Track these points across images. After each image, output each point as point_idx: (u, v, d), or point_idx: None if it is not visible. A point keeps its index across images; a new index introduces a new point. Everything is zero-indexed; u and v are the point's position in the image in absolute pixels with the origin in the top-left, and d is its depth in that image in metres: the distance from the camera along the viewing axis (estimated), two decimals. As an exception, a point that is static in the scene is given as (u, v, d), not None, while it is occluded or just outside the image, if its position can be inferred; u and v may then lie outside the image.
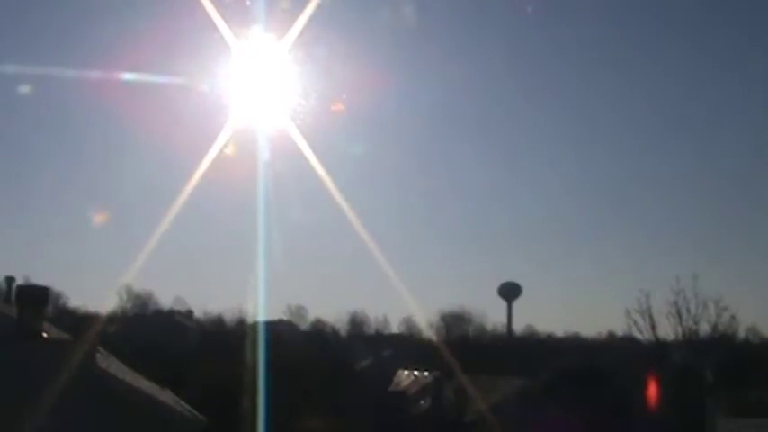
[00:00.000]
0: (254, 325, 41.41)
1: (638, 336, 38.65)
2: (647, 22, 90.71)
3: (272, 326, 46.89)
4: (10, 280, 24.57)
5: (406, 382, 48.51)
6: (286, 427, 28.71)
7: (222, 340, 58.50)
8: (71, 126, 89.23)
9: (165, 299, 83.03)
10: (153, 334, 58.18)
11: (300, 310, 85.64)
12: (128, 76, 24.57)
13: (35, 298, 19.20)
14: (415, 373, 48.73)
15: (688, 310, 37.26)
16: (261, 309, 40.79)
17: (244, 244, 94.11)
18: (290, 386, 26.90)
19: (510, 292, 69.60)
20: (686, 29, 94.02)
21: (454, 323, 78.48)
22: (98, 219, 59.35)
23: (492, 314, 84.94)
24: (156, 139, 73.00)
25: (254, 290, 37.74)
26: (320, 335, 76.31)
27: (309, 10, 16.82)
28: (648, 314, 37.59)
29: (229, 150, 22.47)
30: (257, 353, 29.64)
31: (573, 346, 72.31)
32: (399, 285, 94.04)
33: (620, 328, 45.16)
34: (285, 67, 18.76)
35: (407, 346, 65.32)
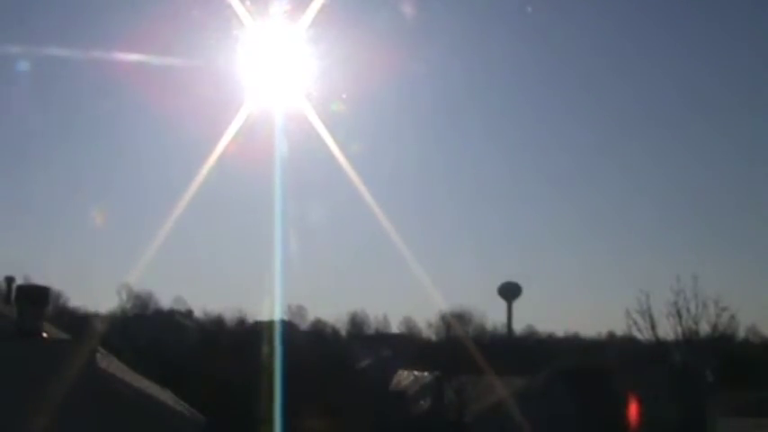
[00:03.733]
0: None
1: (638, 336, 38.61)
2: (652, 23, 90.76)
3: (271, 326, 46.89)
4: (10, 280, 24.53)
5: (406, 382, 48.53)
6: (286, 426, 28.71)
7: (222, 340, 58.57)
8: (71, 122, 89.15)
9: (165, 299, 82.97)
10: (153, 334, 58.21)
11: (300, 310, 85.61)
12: (134, 58, 24.41)
13: (35, 298, 19.18)
14: (415, 373, 48.77)
15: (688, 310, 37.21)
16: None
17: (244, 244, 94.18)
18: (290, 386, 26.90)
19: (510, 292, 69.70)
20: (689, 30, 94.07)
21: (454, 323, 78.38)
22: (98, 218, 59.39)
23: (492, 314, 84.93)
24: (157, 137, 72.91)
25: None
26: (320, 335, 76.27)
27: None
28: (648, 314, 37.53)
29: (234, 149, 22.39)
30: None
31: (573, 346, 72.28)
32: (399, 285, 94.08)
33: (620, 328, 45.17)
34: (301, 51, 18.44)
35: (407, 346, 65.33)
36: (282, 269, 29.05)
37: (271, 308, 46.31)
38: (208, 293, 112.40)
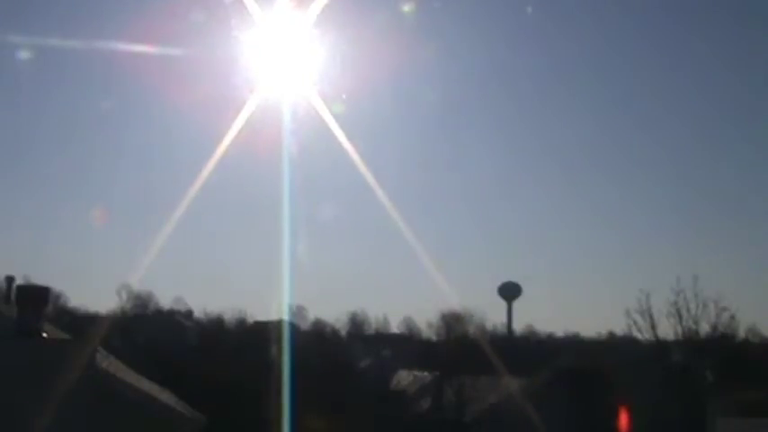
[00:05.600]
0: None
1: (638, 336, 38.60)
2: (653, 19, 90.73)
3: (272, 326, 46.94)
4: (10, 280, 24.55)
5: (405, 382, 48.48)
6: (293, 426, 28.75)
7: (222, 340, 58.54)
8: (72, 119, 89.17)
9: (165, 299, 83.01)
10: (153, 334, 58.20)
11: (301, 311, 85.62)
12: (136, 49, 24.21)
13: (35, 298, 19.22)
14: (415, 373, 48.72)
15: (688, 310, 37.20)
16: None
17: (244, 244, 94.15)
18: (290, 386, 26.94)
19: (510, 292, 69.60)
20: (690, 29, 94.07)
21: (454, 323, 78.29)
22: (99, 218, 59.43)
23: (492, 314, 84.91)
24: (159, 134, 72.90)
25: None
26: (320, 335, 76.27)
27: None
28: (648, 314, 37.53)
29: (236, 147, 22.30)
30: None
31: (573, 346, 72.17)
32: (399, 285, 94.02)
33: (620, 328, 45.11)
34: (311, 44, 18.09)
35: (407, 346, 65.31)
36: (291, 268, 29.00)
37: (279, 307, 46.27)
38: (208, 293, 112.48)
